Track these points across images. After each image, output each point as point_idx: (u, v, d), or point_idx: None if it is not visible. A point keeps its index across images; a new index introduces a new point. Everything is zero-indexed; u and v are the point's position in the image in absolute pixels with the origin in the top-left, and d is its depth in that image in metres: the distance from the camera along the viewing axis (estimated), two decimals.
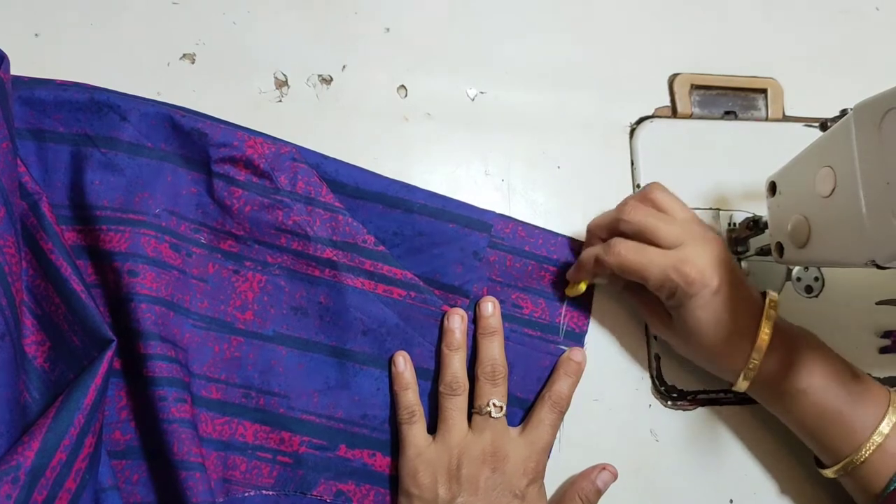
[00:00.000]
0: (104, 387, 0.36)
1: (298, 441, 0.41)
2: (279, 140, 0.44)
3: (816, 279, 0.49)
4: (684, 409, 0.47)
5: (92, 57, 0.45)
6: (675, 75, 0.52)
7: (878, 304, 0.44)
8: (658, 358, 0.46)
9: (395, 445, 0.42)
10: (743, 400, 0.47)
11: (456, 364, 0.42)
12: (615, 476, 0.43)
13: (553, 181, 0.48)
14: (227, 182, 0.42)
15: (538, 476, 0.40)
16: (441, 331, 0.43)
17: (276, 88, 0.46)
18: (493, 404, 0.40)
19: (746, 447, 0.47)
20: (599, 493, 0.42)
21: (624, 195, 0.49)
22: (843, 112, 0.36)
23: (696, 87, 0.52)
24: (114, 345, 0.37)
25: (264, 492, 0.41)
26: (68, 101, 0.40)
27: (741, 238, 0.47)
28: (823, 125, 0.39)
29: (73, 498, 0.34)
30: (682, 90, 0.51)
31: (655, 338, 0.47)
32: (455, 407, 0.41)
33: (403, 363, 0.42)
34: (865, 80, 0.37)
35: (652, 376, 0.47)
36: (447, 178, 0.47)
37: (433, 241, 0.44)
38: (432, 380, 0.43)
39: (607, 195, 0.49)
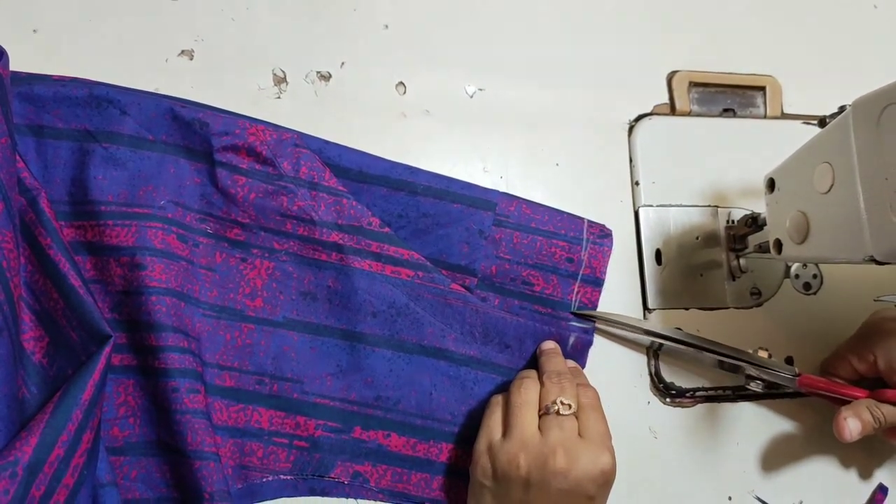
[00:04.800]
0: (102, 382, 0.36)
1: (314, 425, 0.42)
2: (281, 127, 0.44)
3: (815, 276, 0.49)
4: (683, 406, 0.47)
5: (90, 53, 0.44)
6: (674, 73, 0.52)
7: (876, 300, 0.44)
8: (657, 355, 0.46)
9: (409, 426, 0.43)
10: (741, 397, 0.47)
11: (532, 387, 0.40)
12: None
13: (551, 178, 0.48)
14: (230, 170, 0.42)
15: (609, 476, 0.38)
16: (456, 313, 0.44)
17: (275, 85, 0.46)
18: (561, 402, 0.38)
19: (745, 444, 0.47)
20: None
21: (623, 192, 0.49)
22: (842, 108, 0.36)
23: (694, 85, 0.52)
24: (112, 341, 0.37)
25: (282, 476, 0.42)
26: (67, 97, 0.40)
27: (740, 235, 0.47)
28: (822, 122, 0.39)
29: (70, 493, 0.34)
30: (680, 88, 0.51)
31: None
32: (524, 403, 0.39)
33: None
34: (864, 78, 0.37)
35: (650, 373, 0.47)
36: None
37: (438, 222, 0.44)
38: (446, 359, 0.44)
39: (606, 193, 0.49)
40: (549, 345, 0.44)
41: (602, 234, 0.46)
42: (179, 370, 0.39)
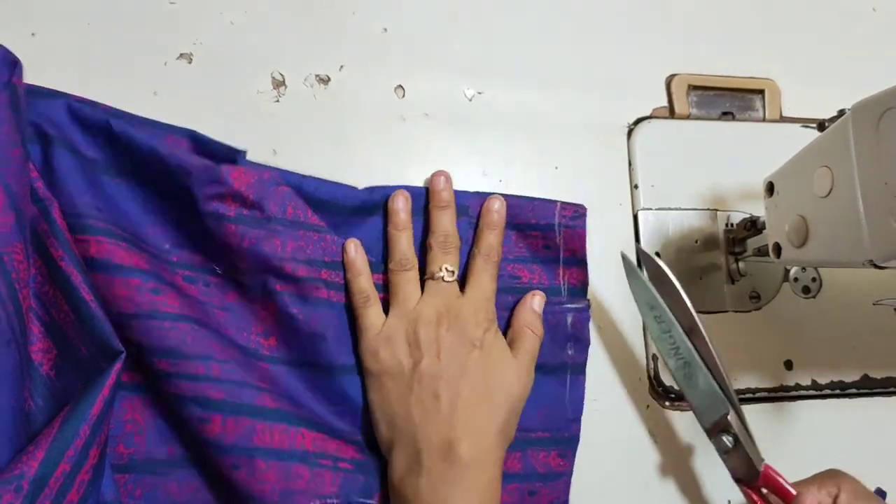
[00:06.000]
0: (111, 398, 0.35)
1: (354, 448, 0.41)
2: (261, 165, 0.43)
3: (814, 280, 0.49)
4: (682, 410, 0.47)
5: (89, 56, 0.44)
6: (673, 76, 0.52)
7: (875, 303, 0.44)
8: (655, 359, 0.47)
9: None
10: (741, 400, 0.47)
11: (403, 243, 0.43)
12: (545, 298, 0.44)
13: (550, 182, 0.48)
14: (217, 220, 0.40)
15: (491, 324, 0.41)
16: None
17: (274, 88, 0.46)
18: (446, 269, 0.42)
19: None
20: (540, 317, 0.43)
21: (622, 196, 0.49)
22: (841, 112, 0.36)
23: (693, 88, 0.52)
24: (122, 356, 0.36)
25: (329, 500, 0.39)
26: (83, 119, 0.40)
27: (739, 239, 0.48)
28: (821, 125, 0.39)
29: None
30: (679, 91, 0.51)
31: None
32: (406, 280, 0.42)
33: (354, 250, 0.42)
34: (863, 81, 0.37)
35: (650, 377, 0.47)
36: None
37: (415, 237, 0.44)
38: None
39: (605, 196, 0.49)
40: (441, 197, 0.44)
41: (575, 216, 0.45)
42: (192, 398, 0.38)
